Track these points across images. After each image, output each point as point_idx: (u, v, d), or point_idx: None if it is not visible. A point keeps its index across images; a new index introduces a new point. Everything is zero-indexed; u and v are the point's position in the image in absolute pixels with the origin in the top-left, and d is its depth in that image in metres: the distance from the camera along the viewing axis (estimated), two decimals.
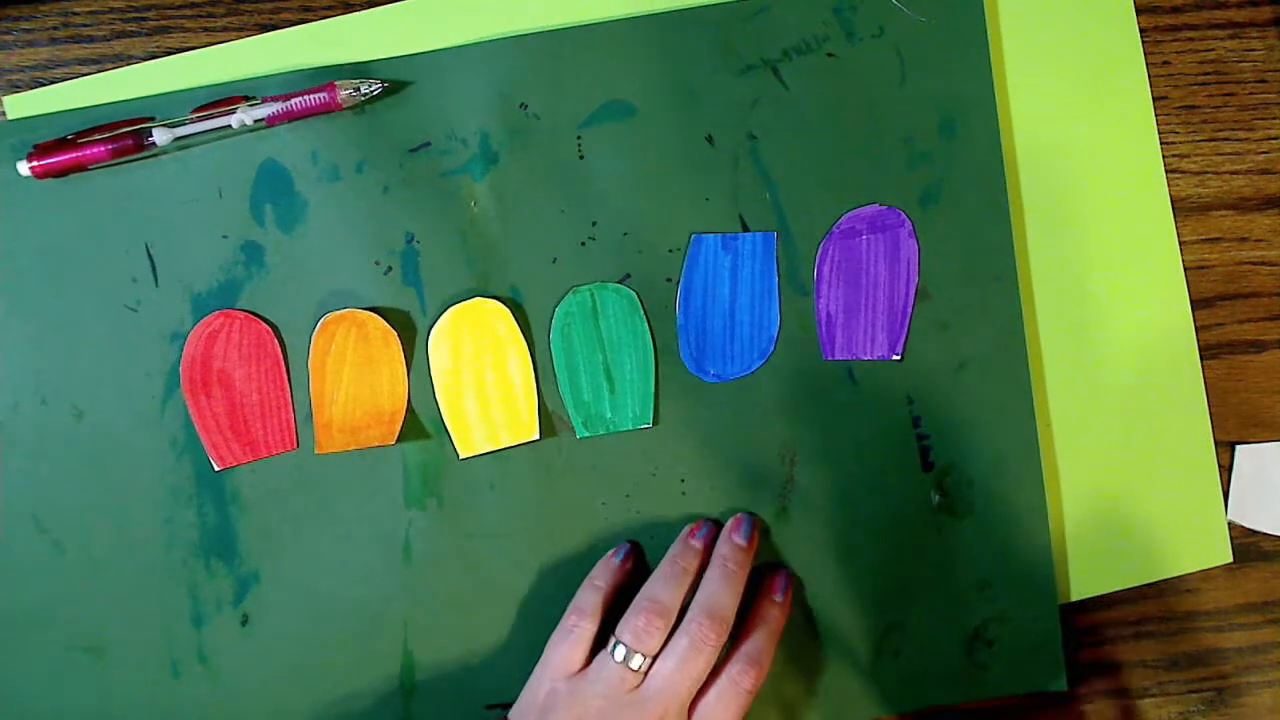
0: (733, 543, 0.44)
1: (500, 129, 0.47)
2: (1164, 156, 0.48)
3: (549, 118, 0.47)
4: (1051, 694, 0.47)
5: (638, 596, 0.43)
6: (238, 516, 0.46)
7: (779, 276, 0.47)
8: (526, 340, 0.47)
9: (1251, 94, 0.49)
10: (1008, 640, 0.47)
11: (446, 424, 0.46)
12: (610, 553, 0.45)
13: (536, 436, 0.46)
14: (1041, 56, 0.48)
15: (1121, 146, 0.48)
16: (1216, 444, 0.48)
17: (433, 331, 0.46)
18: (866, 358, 0.47)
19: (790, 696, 0.47)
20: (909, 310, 0.47)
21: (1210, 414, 0.48)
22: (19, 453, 0.46)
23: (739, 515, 0.46)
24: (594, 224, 0.47)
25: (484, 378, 0.46)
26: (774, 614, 0.44)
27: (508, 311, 0.46)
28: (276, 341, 0.46)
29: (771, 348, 0.47)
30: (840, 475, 0.47)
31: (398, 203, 0.46)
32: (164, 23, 0.48)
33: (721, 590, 0.42)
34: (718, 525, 0.46)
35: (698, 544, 0.44)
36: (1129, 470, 0.48)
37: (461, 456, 0.46)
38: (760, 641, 0.43)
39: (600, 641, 0.43)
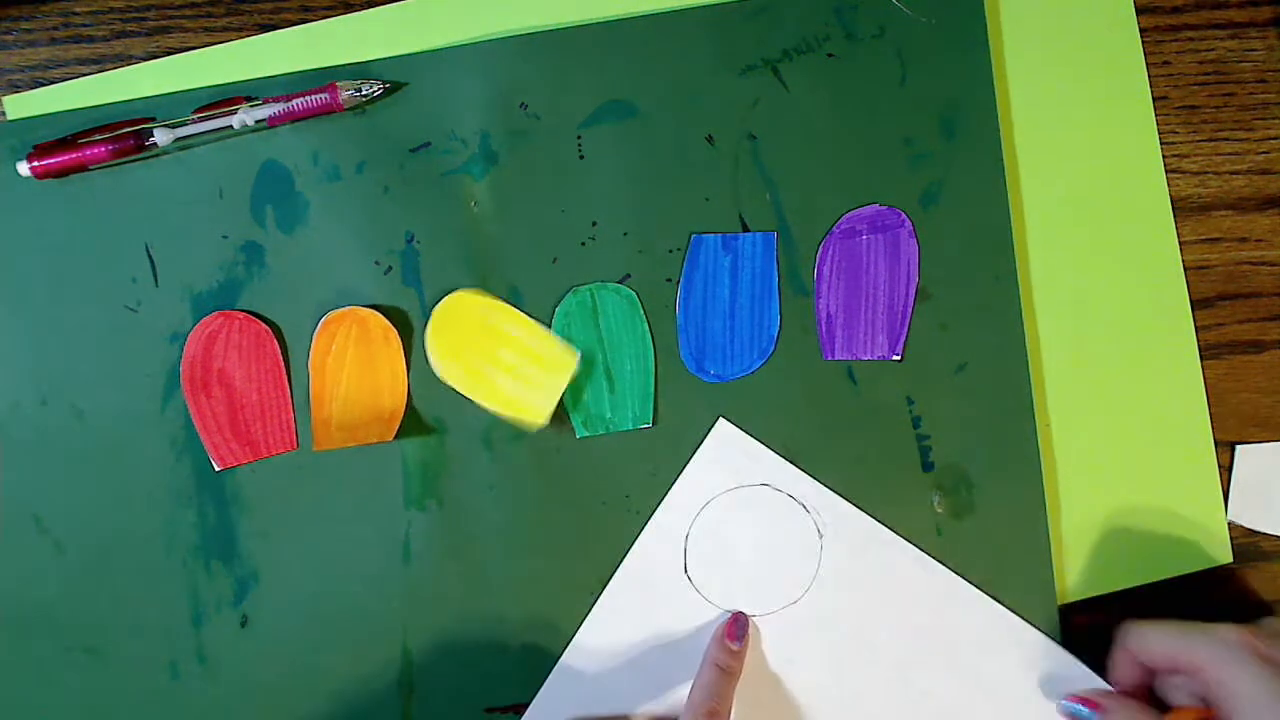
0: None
1: (500, 129, 0.47)
2: (1164, 156, 0.48)
3: (549, 118, 0.47)
4: None
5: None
6: (238, 517, 0.46)
7: (779, 276, 0.47)
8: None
9: (1251, 94, 0.49)
10: None
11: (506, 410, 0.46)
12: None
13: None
14: (1041, 57, 0.48)
15: (1121, 146, 0.48)
16: (1216, 444, 0.48)
17: (431, 321, 0.46)
18: (866, 358, 0.47)
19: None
20: (909, 310, 0.47)
21: (1210, 414, 0.48)
22: (19, 453, 0.46)
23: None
24: (594, 224, 0.47)
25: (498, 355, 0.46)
26: (729, 660, 0.44)
27: (501, 302, 0.46)
28: (276, 341, 0.46)
29: (771, 348, 0.47)
30: (840, 475, 0.47)
31: (398, 203, 0.47)
32: (164, 23, 0.48)
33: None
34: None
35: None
36: (1129, 470, 0.47)
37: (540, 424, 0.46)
38: (717, 687, 0.43)
39: None
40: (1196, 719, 0.40)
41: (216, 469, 0.46)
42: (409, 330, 0.47)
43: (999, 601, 0.46)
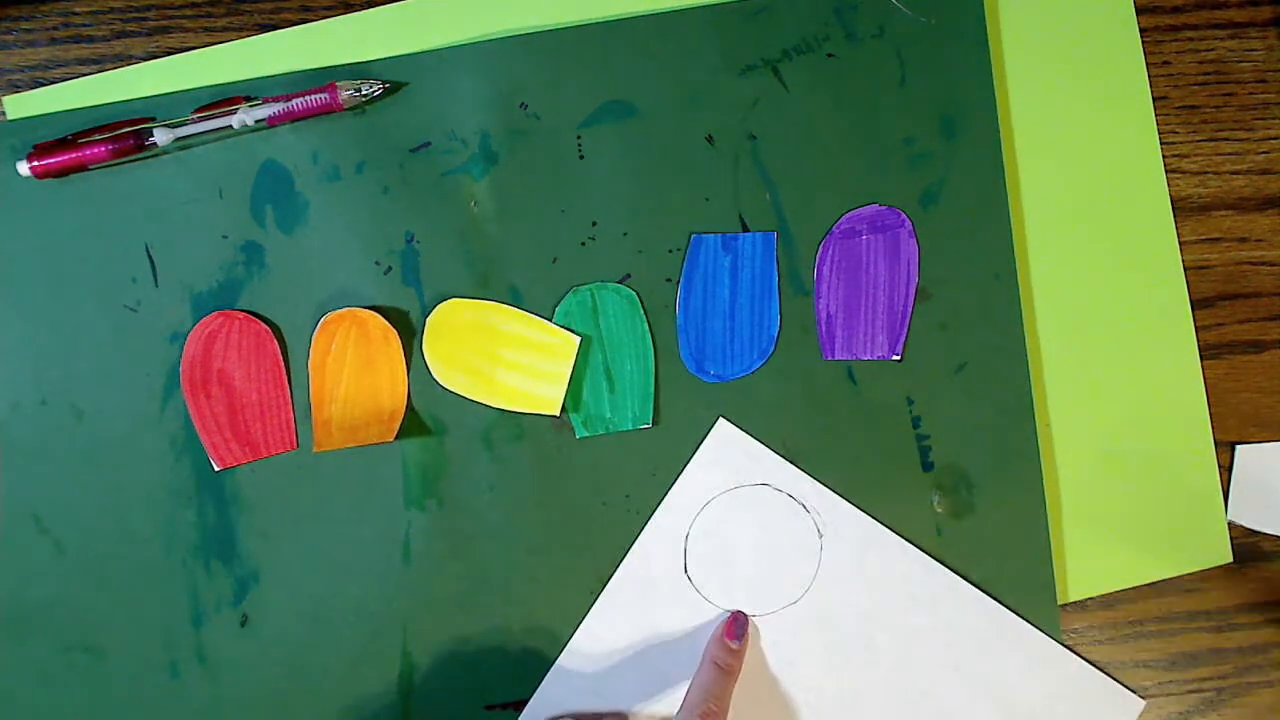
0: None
1: (500, 129, 0.47)
2: (1164, 156, 0.48)
3: (549, 118, 0.47)
4: None
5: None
6: (238, 516, 0.46)
7: (779, 276, 0.47)
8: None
9: (1251, 94, 0.49)
10: None
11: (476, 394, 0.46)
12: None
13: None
14: (1041, 57, 0.48)
15: (1121, 146, 0.48)
16: (1216, 444, 0.48)
17: (425, 333, 0.46)
18: (866, 358, 0.47)
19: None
20: (909, 310, 0.47)
21: (1210, 414, 0.48)
22: (19, 453, 0.46)
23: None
24: (594, 224, 0.47)
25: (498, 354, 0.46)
26: (728, 659, 0.45)
27: (491, 302, 0.46)
28: (276, 341, 0.46)
29: (771, 348, 0.47)
30: (840, 475, 0.47)
31: (398, 203, 0.47)
32: (164, 23, 0.48)
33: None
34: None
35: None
36: (1129, 470, 0.47)
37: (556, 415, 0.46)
38: (716, 687, 0.43)
39: None
40: None
41: (216, 469, 0.46)
42: (409, 331, 0.47)
43: (999, 601, 0.46)
